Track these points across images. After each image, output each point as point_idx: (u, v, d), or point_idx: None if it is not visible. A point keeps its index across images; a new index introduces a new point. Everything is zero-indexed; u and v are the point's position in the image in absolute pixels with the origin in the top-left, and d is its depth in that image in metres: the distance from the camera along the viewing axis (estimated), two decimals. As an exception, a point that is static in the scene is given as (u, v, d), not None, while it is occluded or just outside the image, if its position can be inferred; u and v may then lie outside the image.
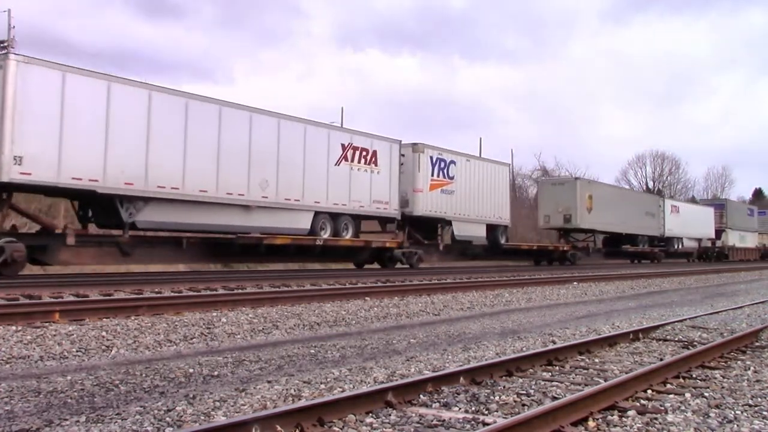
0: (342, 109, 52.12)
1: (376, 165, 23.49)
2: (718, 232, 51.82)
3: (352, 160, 22.64)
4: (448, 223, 26.95)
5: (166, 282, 14.40)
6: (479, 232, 28.57)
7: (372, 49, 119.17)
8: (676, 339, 8.69)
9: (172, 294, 12.06)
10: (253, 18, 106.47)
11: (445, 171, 26.62)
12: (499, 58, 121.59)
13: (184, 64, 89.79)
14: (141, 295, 11.59)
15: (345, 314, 11.02)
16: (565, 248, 35.47)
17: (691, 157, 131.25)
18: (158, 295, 11.77)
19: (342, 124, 27.87)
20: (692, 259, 49.72)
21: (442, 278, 19.08)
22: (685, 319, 10.72)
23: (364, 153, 23.07)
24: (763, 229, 61.07)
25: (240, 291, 13.12)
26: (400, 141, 24.78)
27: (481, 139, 27.75)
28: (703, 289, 20.43)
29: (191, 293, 12.41)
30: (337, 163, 22.09)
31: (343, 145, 22.32)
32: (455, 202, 26.95)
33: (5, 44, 15.66)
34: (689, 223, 46.76)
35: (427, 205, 25.51)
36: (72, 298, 10.82)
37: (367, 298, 13.20)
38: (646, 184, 77.52)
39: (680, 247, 46.61)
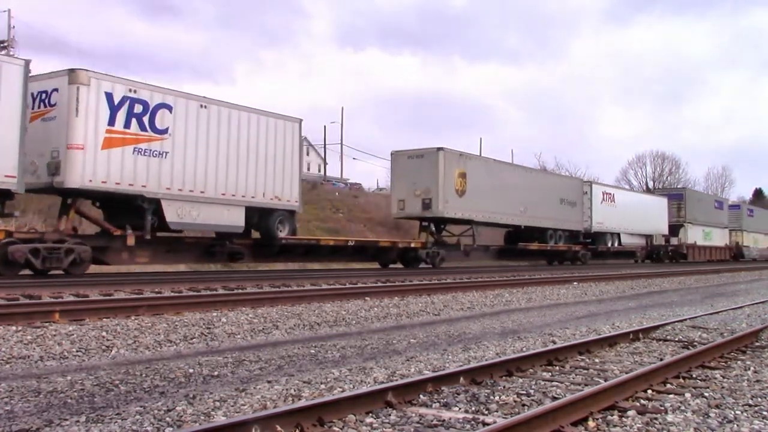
0: (342, 109, 51.56)
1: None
2: (675, 228, 43.25)
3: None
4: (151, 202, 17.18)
5: (166, 282, 14.39)
6: (224, 219, 18.79)
7: (373, 48, 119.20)
8: (676, 339, 8.69)
9: (172, 294, 12.06)
10: (254, 18, 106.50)
11: (147, 119, 17.08)
12: (501, 58, 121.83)
13: (185, 63, 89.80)
14: (141, 295, 11.59)
15: (345, 314, 11.02)
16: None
17: (692, 157, 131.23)
18: (158, 295, 11.77)
19: (342, 125, 27.52)
20: (638, 260, 41.42)
21: (442, 278, 19.07)
22: (685, 319, 10.71)
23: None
24: (735, 225, 53.22)
25: (240, 291, 13.12)
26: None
27: (481, 139, 27.58)
28: (703, 289, 20.42)
29: (191, 293, 12.41)
30: None
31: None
32: (164, 170, 17.35)
33: (5, 44, 15.64)
34: (631, 216, 37.58)
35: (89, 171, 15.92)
36: (72, 298, 10.82)
37: (367, 298, 13.20)
38: (646, 184, 77.52)
39: (615, 244, 37.13)
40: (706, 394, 5.49)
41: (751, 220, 57.22)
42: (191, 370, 6.45)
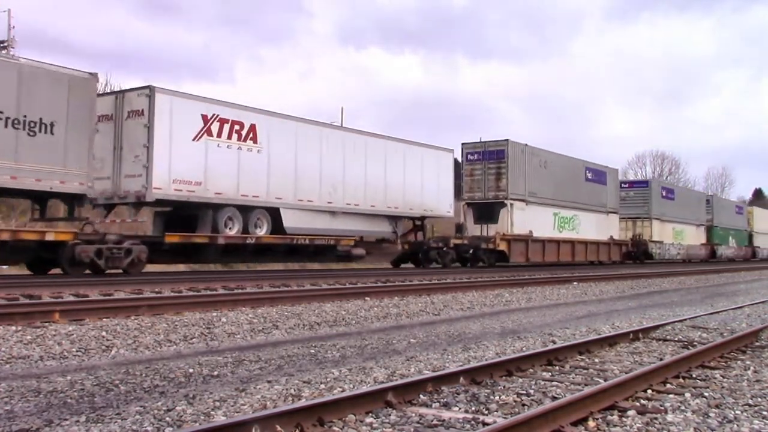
0: (342, 108, 51.57)
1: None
2: (485, 207, 28.73)
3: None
4: None
5: (166, 282, 14.39)
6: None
7: (374, 47, 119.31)
8: (676, 339, 8.69)
9: (172, 294, 12.06)
10: (255, 17, 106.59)
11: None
12: (503, 57, 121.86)
13: (185, 63, 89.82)
14: (141, 295, 11.59)
15: (345, 314, 11.02)
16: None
17: (692, 157, 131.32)
18: (158, 295, 11.77)
19: (342, 124, 27.93)
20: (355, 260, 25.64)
21: (442, 278, 19.08)
22: (685, 319, 10.72)
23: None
24: (637, 210, 39.96)
25: (240, 291, 13.12)
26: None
27: (481, 138, 27.38)
28: (703, 289, 20.43)
29: (191, 293, 12.42)
30: None
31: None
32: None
33: (5, 44, 15.69)
34: (310, 172, 23.54)
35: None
36: (72, 298, 10.82)
37: (367, 298, 13.20)
38: (646, 184, 77.47)
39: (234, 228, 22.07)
40: (706, 394, 5.49)
41: (668, 205, 41.77)
42: (191, 370, 6.45)
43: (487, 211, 28.64)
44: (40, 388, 5.54)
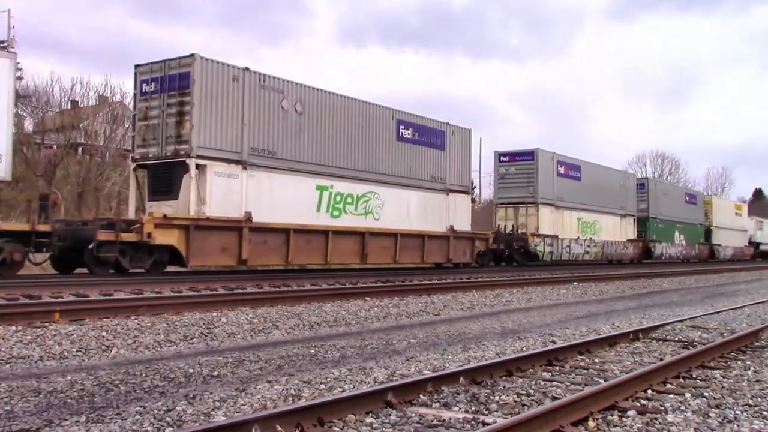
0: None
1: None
2: None
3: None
4: None
5: (166, 282, 14.39)
6: None
7: (375, 46, 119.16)
8: (676, 339, 8.69)
9: (172, 294, 12.06)
10: (256, 16, 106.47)
11: None
12: (504, 57, 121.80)
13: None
14: (141, 295, 11.58)
15: (345, 314, 11.02)
16: None
17: (692, 157, 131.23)
18: (158, 295, 11.76)
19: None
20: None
21: (442, 278, 19.07)
22: (685, 319, 10.72)
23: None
24: (515, 195, 30.19)
25: (240, 291, 13.11)
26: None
27: (481, 138, 26.67)
28: (703, 289, 20.43)
29: (191, 293, 12.41)
30: None
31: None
32: None
33: (5, 44, 15.67)
34: None
35: None
36: (72, 298, 10.81)
37: (367, 298, 13.20)
38: (646, 184, 77.50)
39: None
40: (706, 394, 5.49)
41: (570, 187, 31.81)
42: (191, 370, 6.45)
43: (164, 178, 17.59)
44: (40, 388, 5.54)
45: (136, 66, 18.18)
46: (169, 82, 17.29)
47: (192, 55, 17.01)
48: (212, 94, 17.17)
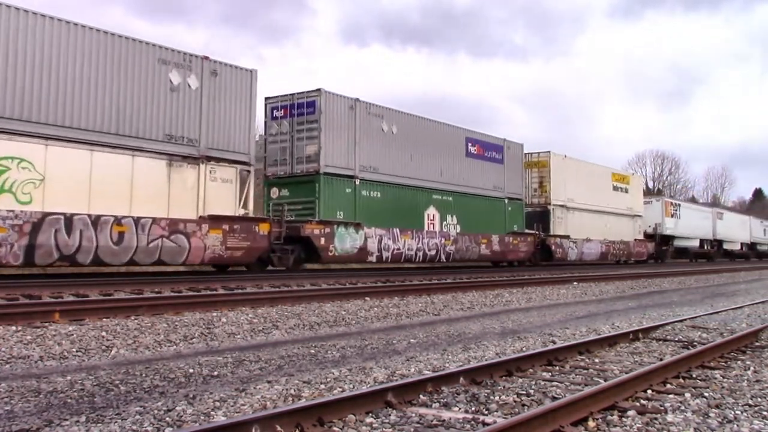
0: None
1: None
2: None
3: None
4: None
5: (166, 282, 14.39)
6: None
7: (377, 45, 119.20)
8: (676, 339, 8.69)
9: (172, 294, 12.06)
10: (257, 15, 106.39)
11: None
12: (506, 55, 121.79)
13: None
14: (141, 295, 11.59)
15: (345, 314, 11.02)
16: None
17: (692, 157, 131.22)
18: (158, 295, 11.77)
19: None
20: None
21: (442, 278, 19.07)
22: (685, 319, 10.72)
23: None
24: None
25: (240, 291, 13.12)
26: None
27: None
28: (703, 289, 20.42)
29: (191, 293, 12.42)
30: None
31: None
32: None
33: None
34: None
35: None
36: (72, 298, 10.82)
37: (367, 298, 13.20)
38: (646, 184, 77.60)
39: None
40: (706, 394, 5.49)
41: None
42: (191, 370, 6.45)
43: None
44: (40, 388, 5.54)
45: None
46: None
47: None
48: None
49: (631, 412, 4.80)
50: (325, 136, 20.68)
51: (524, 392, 5.39)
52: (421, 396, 5.11)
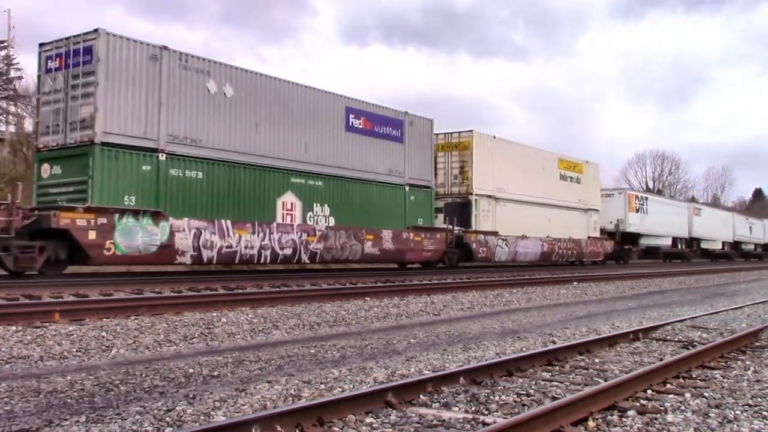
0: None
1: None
2: None
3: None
4: None
5: (166, 282, 14.39)
6: None
7: (378, 44, 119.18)
8: (676, 339, 8.69)
9: (172, 294, 12.06)
10: (257, 14, 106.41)
11: None
12: (507, 55, 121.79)
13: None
14: (141, 295, 11.59)
15: (345, 314, 11.02)
16: None
17: (692, 157, 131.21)
18: (158, 295, 11.76)
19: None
20: None
21: (442, 278, 19.08)
22: (685, 319, 10.72)
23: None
24: None
25: (240, 291, 13.11)
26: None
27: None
28: (703, 289, 20.43)
29: (191, 293, 12.41)
30: None
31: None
32: None
33: (5, 44, 15.65)
34: None
35: None
36: (72, 298, 10.82)
37: (367, 298, 13.20)
38: (646, 184, 77.66)
39: None
40: (706, 394, 5.49)
41: None
42: (191, 370, 6.45)
43: None
44: (40, 388, 5.54)
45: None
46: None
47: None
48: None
49: (631, 412, 4.80)
50: (106, 93, 15.18)
51: (524, 392, 5.38)
52: (421, 396, 5.11)
